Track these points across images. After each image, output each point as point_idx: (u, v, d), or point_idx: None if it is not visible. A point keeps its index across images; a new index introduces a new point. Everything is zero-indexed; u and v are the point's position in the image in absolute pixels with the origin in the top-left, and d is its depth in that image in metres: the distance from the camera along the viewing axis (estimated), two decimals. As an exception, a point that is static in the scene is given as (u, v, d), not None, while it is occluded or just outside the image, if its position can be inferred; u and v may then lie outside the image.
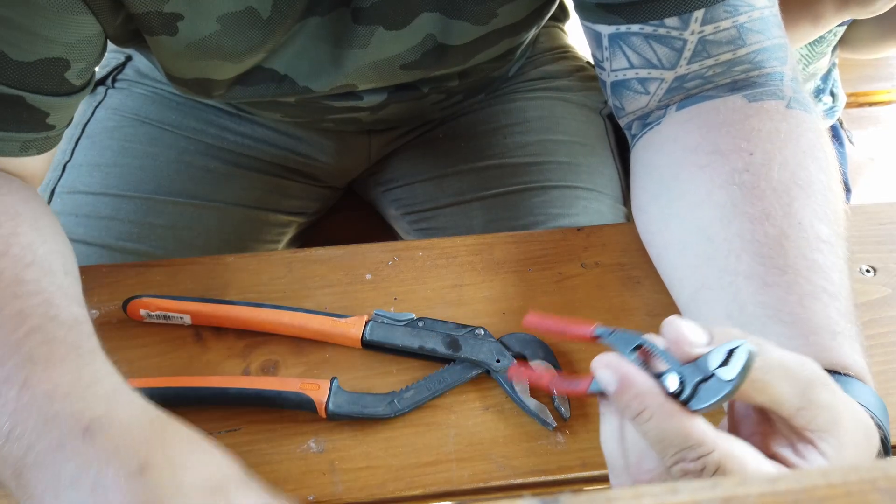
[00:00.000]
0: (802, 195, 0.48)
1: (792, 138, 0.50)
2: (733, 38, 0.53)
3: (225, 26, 0.55)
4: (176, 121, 0.81)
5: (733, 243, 0.47)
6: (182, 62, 0.59)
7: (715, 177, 0.50)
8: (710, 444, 0.33)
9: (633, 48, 0.54)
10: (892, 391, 0.54)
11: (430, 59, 0.64)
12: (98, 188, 0.76)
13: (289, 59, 0.62)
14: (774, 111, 0.51)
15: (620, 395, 0.34)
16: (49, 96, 0.51)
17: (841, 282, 0.45)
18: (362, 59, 0.62)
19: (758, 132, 0.50)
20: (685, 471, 0.33)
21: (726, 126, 0.51)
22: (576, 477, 0.50)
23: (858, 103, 1.24)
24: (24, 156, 0.53)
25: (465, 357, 0.53)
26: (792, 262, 0.45)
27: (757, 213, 0.47)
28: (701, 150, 0.52)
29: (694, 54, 0.53)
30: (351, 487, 0.49)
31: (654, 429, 0.34)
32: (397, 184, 0.88)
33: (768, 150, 0.49)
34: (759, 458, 0.34)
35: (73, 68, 0.52)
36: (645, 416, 0.34)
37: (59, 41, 0.49)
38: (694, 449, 0.33)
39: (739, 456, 0.34)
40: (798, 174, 0.48)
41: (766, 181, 0.48)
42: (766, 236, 0.46)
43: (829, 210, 0.48)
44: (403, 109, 0.77)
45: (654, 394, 0.34)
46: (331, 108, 0.72)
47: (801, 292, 0.44)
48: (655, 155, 0.56)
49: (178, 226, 0.77)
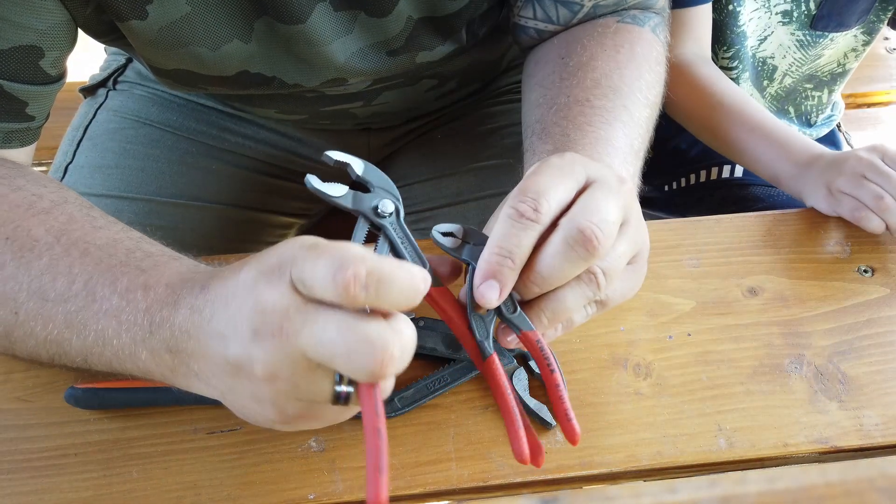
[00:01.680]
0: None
1: (610, 46, 0.62)
2: (619, 2, 0.66)
3: (195, 7, 0.56)
4: (177, 122, 0.81)
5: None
6: (159, 51, 0.60)
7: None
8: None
9: (542, 7, 0.66)
10: (892, 391, 0.54)
11: (416, 40, 0.66)
12: (99, 190, 0.76)
13: (273, 63, 0.63)
14: (605, 25, 0.65)
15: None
16: (26, 84, 0.53)
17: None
18: (350, 47, 0.63)
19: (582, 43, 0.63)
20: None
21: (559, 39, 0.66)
22: (575, 476, 0.50)
23: (857, 104, 1.24)
24: (7, 148, 0.55)
25: (465, 357, 0.53)
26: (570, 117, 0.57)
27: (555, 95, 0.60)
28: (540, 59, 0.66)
29: (585, 15, 0.66)
30: (351, 486, 0.49)
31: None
32: (396, 184, 0.88)
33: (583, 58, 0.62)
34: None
35: (48, 56, 0.53)
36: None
37: (30, 28, 0.51)
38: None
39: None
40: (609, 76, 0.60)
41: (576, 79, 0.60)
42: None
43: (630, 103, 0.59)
44: (398, 98, 0.77)
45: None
46: (322, 97, 0.72)
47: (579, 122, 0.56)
48: (528, 62, 0.70)
49: (180, 227, 0.77)
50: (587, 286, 0.44)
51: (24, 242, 0.45)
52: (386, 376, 0.34)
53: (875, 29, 0.90)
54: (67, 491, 0.48)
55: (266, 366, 0.36)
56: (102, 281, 0.43)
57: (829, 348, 0.57)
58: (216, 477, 0.49)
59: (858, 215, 0.64)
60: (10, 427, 0.52)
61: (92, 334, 0.42)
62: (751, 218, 0.67)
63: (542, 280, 0.43)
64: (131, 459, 0.50)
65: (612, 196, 0.43)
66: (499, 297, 0.42)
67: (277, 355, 0.35)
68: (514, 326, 0.44)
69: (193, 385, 0.41)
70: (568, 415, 0.43)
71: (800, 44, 0.89)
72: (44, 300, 0.43)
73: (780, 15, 0.86)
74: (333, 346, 0.34)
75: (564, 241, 0.42)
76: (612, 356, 0.56)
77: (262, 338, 0.36)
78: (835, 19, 0.86)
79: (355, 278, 0.34)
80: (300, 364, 0.36)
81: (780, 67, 0.92)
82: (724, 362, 0.56)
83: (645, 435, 0.51)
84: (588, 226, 0.41)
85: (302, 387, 0.37)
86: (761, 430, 0.52)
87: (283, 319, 0.35)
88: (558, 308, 0.44)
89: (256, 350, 0.36)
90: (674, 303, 0.59)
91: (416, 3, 0.61)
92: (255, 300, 0.36)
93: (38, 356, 0.45)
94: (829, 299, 0.60)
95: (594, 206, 0.42)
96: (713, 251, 0.64)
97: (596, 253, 0.41)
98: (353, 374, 0.34)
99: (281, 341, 0.35)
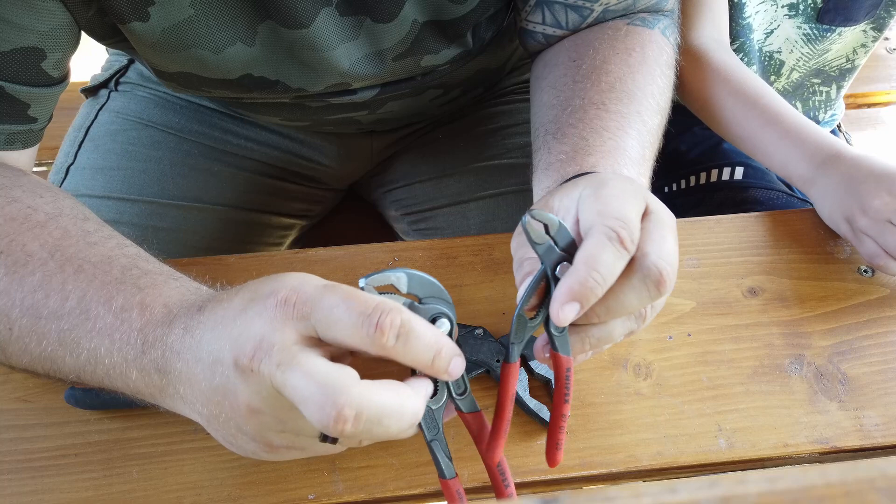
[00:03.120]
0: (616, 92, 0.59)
1: (622, 50, 0.62)
2: (629, 6, 0.65)
3: (198, 10, 0.56)
4: (179, 124, 0.81)
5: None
6: (161, 53, 0.60)
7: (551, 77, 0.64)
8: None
9: (552, 11, 0.65)
10: (892, 391, 0.54)
11: (420, 44, 0.65)
12: (101, 192, 0.76)
13: (276, 67, 0.63)
14: (615, 28, 0.64)
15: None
16: (28, 86, 0.53)
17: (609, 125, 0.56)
18: (354, 52, 0.63)
19: (594, 46, 0.63)
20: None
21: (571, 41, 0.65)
22: (575, 476, 0.50)
23: (857, 104, 1.24)
24: (10, 149, 0.55)
25: (465, 357, 0.53)
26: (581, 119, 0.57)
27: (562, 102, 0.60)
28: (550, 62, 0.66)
29: (594, 20, 0.65)
30: (351, 486, 0.49)
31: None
32: (397, 185, 0.88)
33: (595, 61, 0.61)
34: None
35: (49, 58, 0.53)
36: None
37: (32, 30, 0.51)
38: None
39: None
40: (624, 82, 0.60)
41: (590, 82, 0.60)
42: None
43: (643, 108, 0.59)
44: (402, 107, 0.77)
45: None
46: (328, 106, 0.72)
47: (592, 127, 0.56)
48: (537, 65, 0.69)
49: (182, 229, 0.77)
50: (635, 321, 0.44)
51: (17, 257, 0.45)
52: (343, 432, 0.34)
53: (885, 24, 0.89)
54: (68, 491, 0.49)
55: (248, 398, 0.36)
56: (97, 299, 0.42)
57: (829, 348, 0.57)
58: (216, 477, 0.49)
59: (880, 263, 0.61)
60: (10, 427, 0.52)
61: (84, 353, 0.42)
62: (751, 218, 0.67)
63: (606, 312, 0.42)
64: (131, 459, 0.50)
65: (673, 234, 0.43)
66: (574, 318, 0.40)
67: (258, 389, 0.35)
68: (552, 344, 0.43)
69: (179, 407, 0.41)
70: (559, 444, 0.44)
71: (806, 38, 0.89)
72: (37, 317, 0.43)
73: (786, 8, 0.85)
74: (298, 391, 0.34)
75: (643, 280, 0.41)
76: (613, 356, 0.56)
77: (242, 370, 0.35)
78: (841, 13, 0.85)
79: (391, 325, 0.34)
80: (282, 401, 0.36)
81: (788, 62, 0.92)
82: (725, 362, 0.56)
83: (645, 435, 0.51)
84: (666, 268, 0.41)
85: (288, 422, 0.37)
86: (761, 430, 0.52)
87: (265, 354, 0.35)
88: (604, 337, 0.44)
89: (238, 381, 0.36)
90: (674, 303, 0.59)
91: (422, 7, 0.61)
92: (242, 328, 0.36)
93: (34, 370, 0.45)
94: (829, 299, 0.60)
95: (666, 246, 0.42)
96: (713, 251, 0.64)
97: (665, 293, 0.41)
98: (317, 423, 0.34)
99: (259, 377, 0.35)
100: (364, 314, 0.35)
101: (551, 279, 0.42)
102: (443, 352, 0.38)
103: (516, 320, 0.43)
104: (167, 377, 0.40)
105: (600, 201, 0.42)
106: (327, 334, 0.36)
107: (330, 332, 0.36)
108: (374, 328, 0.35)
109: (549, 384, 0.53)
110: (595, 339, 0.44)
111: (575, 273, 0.40)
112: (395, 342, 0.35)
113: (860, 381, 0.55)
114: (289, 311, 0.36)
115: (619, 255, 0.40)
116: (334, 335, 0.36)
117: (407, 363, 0.37)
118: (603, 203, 0.42)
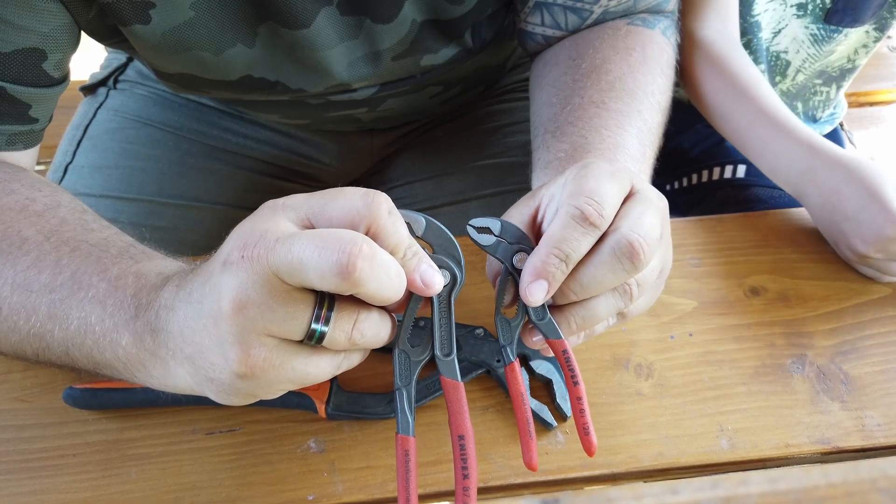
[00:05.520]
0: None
1: (622, 49, 0.62)
2: (629, 7, 0.65)
3: (199, 12, 0.56)
4: (178, 122, 0.81)
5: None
6: (162, 55, 0.60)
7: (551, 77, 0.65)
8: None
9: (551, 13, 0.65)
10: (893, 391, 0.54)
11: (420, 43, 0.65)
12: (99, 190, 0.76)
13: (276, 67, 0.62)
14: (615, 28, 0.64)
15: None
16: (29, 87, 0.53)
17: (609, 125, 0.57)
18: (354, 52, 0.62)
19: (595, 46, 0.63)
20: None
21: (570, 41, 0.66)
22: (576, 477, 0.50)
23: (859, 103, 1.24)
24: (11, 150, 0.55)
25: (465, 357, 0.53)
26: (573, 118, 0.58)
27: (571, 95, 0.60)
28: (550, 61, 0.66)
29: (594, 21, 0.65)
30: (351, 487, 0.49)
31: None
32: (398, 183, 0.88)
33: (595, 60, 0.62)
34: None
35: (50, 59, 0.53)
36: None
37: (33, 31, 0.51)
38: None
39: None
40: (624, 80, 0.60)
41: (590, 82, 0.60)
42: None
43: (643, 107, 0.59)
44: (402, 104, 0.77)
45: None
46: (328, 104, 0.72)
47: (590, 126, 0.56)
48: (536, 64, 0.69)
49: (181, 228, 0.77)
50: (620, 297, 0.44)
51: (12, 241, 0.45)
52: (355, 271, 0.33)
53: (887, 25, 0.89)
54: (66, 491, 0.48)
55: (234, 293, 0.34)
56: (91, 271, 0.43)
57: (831, 348, 0.57)
58: (215, 478, 0.49)
59: (883, 280, 0.62)
60: (8, 427, 0.51)
61: (74, 322, 0.42)
62: (753, 217, 0.67)
63: (581, 288, 0.42)
64: (130, 460, 0.50)
65: (655, 211, 0.43)
66: (544, 297, 0.41)
67: (248, 276, 0.34)
68: (541, 333, 0.43)
69: (169, 368, 0.39)
70: (587, 428, 0.43)
71: (813, 38, 0.89)
72: (28, 292, 0.43)
73: (795, 7, 0.85)
74: (305, 251, 0.33)
75: (613, 253, 0.41)
76: (614, 356, 0.56)
77: (231, 263, 0.35)
78: (850, 14, 0.85)
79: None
80: (274, 286, 0.34)
81: (794, 63, 0.91)
82: (726, 362, 0.56)
83: (646, 436, 0.51)
84: (637, 239, 0.41)
85: (277, 313, 0.35)
86: (763, 430, 0.51)
87: (259, 238, 0.34)
88: (588, 316, 0.44)
89: (226, 278, 0.35)
90: (675, 303, 0.59)
91: (421, 7, 0.61)
92: (228, 244, 0.36)
93: (23, 352, 0.45)
94: (831, 299, 0.60)
95: (641, 220, 0.42)
96: (715, 251, 0.63)
97: (640, 267, 0.41)
98: (324, 274, 0.33)
99: (250, 262, 0.34)
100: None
101: (514, 272, 0.43)
102: (418, 251, 0.38)
103: (498, 323, 0.44)
104: (159, 337, 0.39)
105: (575, 183, 0.42)
106: (320, 222, 0.36)
107: (315, 219, 0.36)
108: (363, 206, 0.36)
109: (549, 384, 0.53)
110: (580, 319, 0.44)
111: (537, 252, 0.41)
112: (387, 217, 0.36)
113: (862, 381, 0.55)
114: (277, 206, 0.37)
115: (584, 231, 0.40)
116: (319, 222, 0.36)
117: (385, 247, 0.37)
118: (577, 184, 0.42)
